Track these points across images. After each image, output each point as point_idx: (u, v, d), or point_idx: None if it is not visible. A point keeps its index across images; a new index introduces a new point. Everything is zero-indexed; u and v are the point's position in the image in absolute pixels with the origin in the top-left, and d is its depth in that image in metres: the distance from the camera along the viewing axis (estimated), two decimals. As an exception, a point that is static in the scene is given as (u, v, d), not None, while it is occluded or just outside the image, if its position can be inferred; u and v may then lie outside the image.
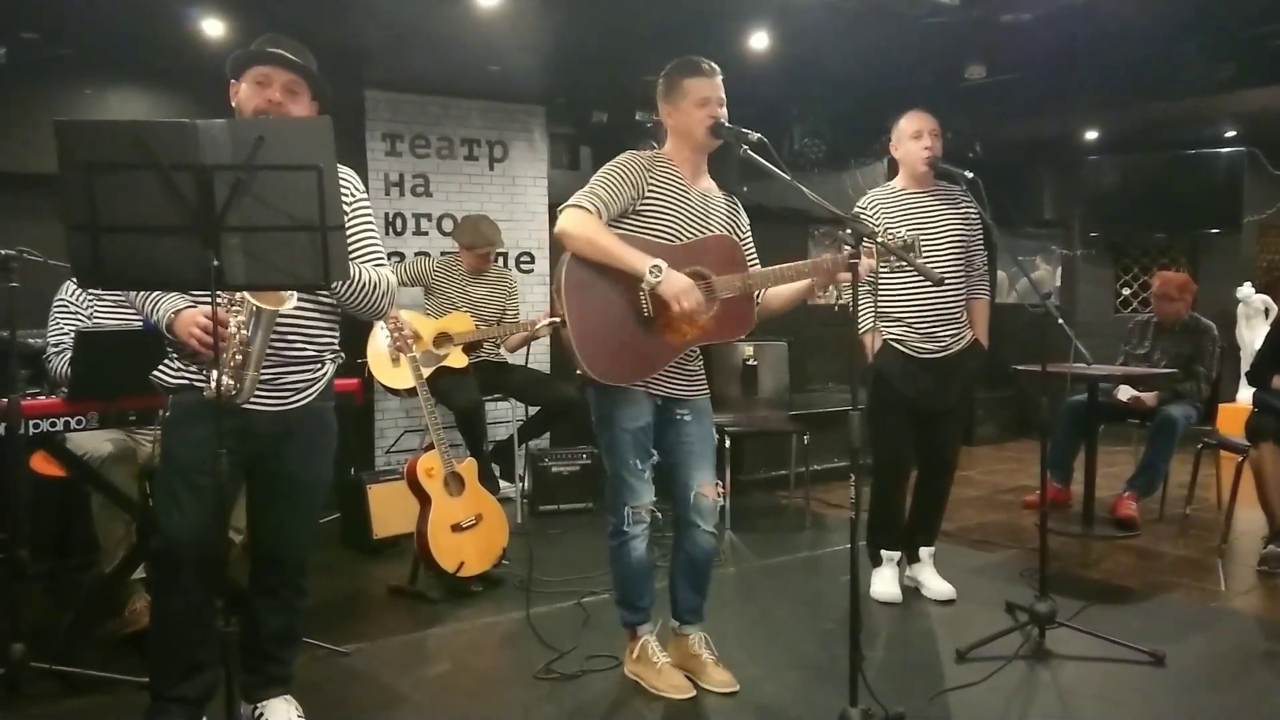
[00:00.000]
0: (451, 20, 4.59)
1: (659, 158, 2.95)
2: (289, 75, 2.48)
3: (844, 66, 5.52)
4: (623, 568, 3.02)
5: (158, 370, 2.52)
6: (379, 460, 5.78)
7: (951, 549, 4.60)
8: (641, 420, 2.90)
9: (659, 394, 2.93)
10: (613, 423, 2.90)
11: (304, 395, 2.53)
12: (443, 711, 2.96)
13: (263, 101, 2.44)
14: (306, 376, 2.54)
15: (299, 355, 2.51)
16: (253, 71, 2.47)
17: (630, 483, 2.92)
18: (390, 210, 5.84)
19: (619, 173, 2.86)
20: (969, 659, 3.23)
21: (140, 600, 3.42)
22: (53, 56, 4.78)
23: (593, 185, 2.83)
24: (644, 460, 2.93)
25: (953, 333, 3.74)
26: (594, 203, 2.78)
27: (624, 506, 2.94)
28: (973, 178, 3.45)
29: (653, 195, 2.87)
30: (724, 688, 3.01)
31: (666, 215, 2.89)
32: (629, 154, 2.92)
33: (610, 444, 2.93)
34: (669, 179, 2.91)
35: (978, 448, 7.69)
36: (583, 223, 2.75)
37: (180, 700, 2.50)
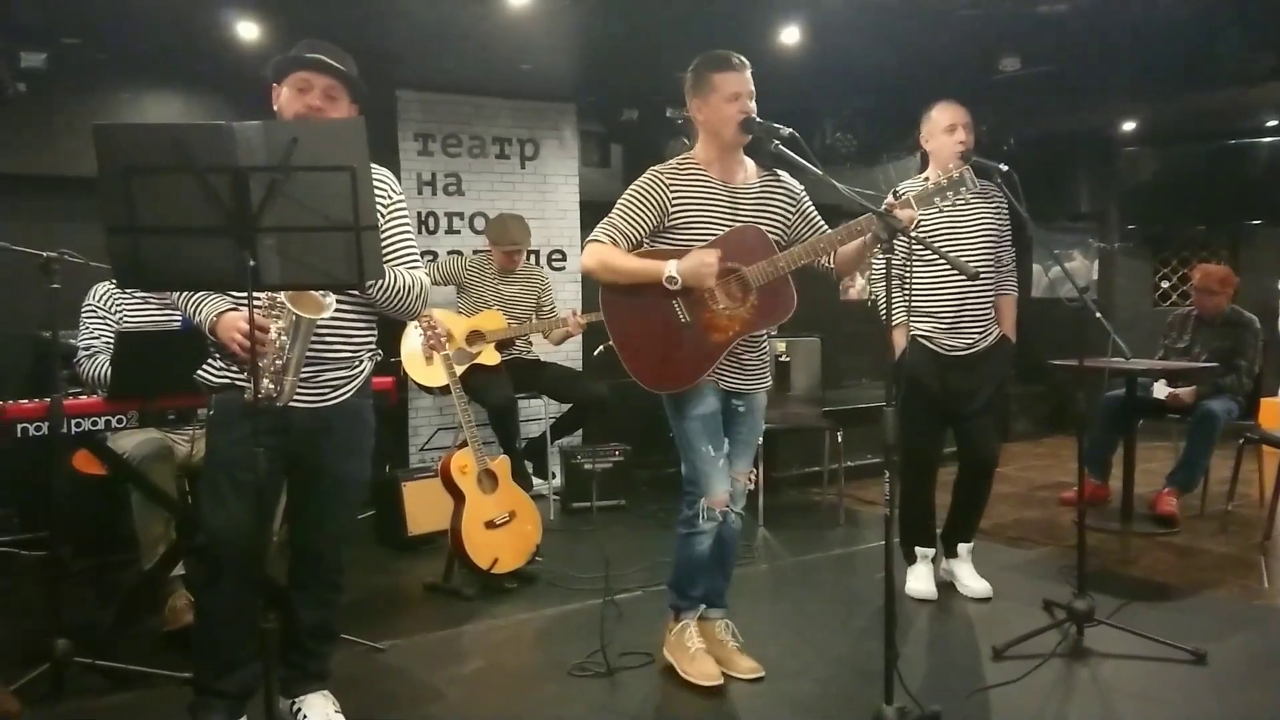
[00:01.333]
0: (482, 20, 4.60)
1: (684, 163, 2.95)
2: (328, 80, 2.51)
3: (875, 60, 5.47)
4: (685, 558, 3.05)
5: (202, 369, 2.56)
6: (413, 458, 5.82)
7: (987, 546, 4.55)
8: (708, 407, 2.94)
9: (725, 386, 2.97)
10: (682, 412, 2.95)
11: (341, 392, 2.56)
12: (477, 707, 2.97)
13: (302, 106, 2.48)
14: (344, 374, 2.57)
15: (336, 355, 2.55)
16: (293, 77, 2.51)
17: (705, 471, 2.95)
18: (423, 209, 5.88)
19: (636, 197, 2.90)
20: (1006, 657, 3.20)
21: (180, 598, 3.47)
22: (92, 62, 4.86)
23: (612, 216, 2.91)
24: (717, 448, 2.96)
25: (980, 329, 3.72)
26: (609, 234, 2.87)
27: (700, 500, 2.96)
28: (1007, 171, 3.41)
29: (680, 207, 2.89)
30: (750, 674, 3.05)
31: (699, 222, 2.90)
32: (649, 173, 2.93)
33: (682, 434, 2.97)
34: (696, 183, 2.91)
35: (1013, 444, 7.62)
36: (598, 254, 2.86)
37: (222, 694, 2.54)
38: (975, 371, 3.72)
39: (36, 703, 2.74)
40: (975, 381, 3.72)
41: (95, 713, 2.84)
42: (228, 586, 2.52)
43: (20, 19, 4.38)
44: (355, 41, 4.92)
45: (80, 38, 4.66)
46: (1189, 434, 5.12)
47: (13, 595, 3.85)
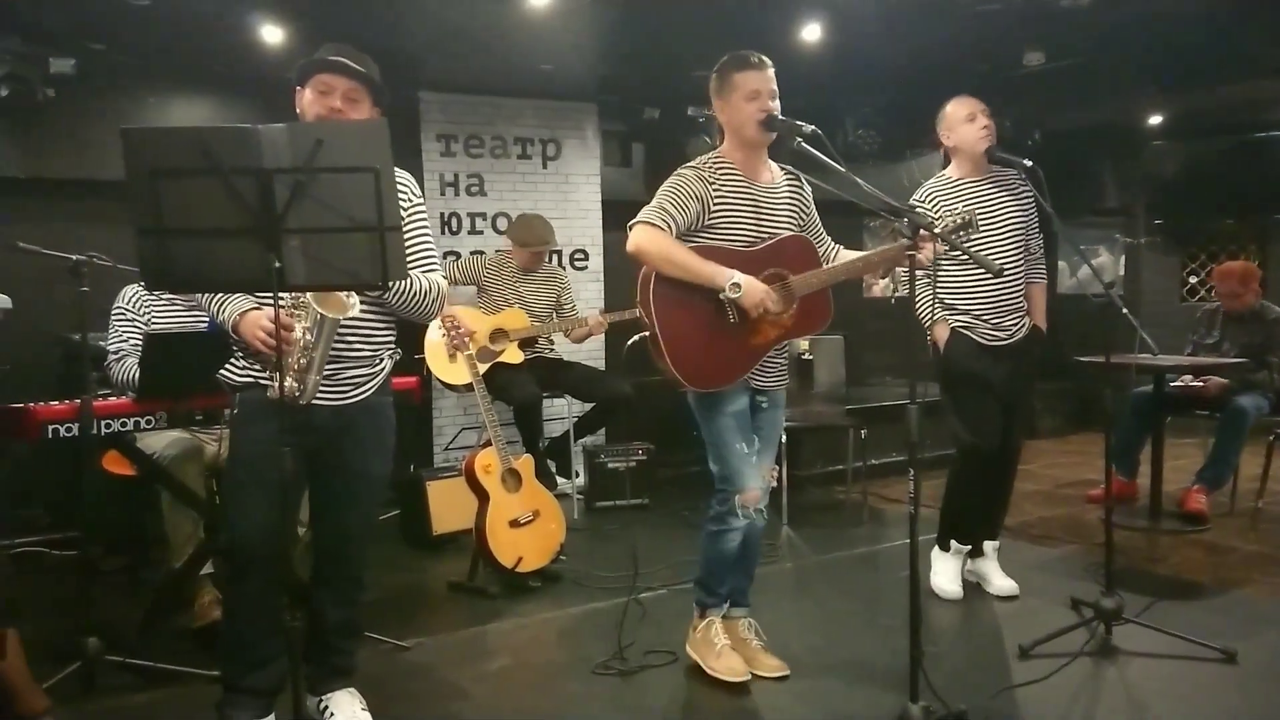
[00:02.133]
0: (503, 20, 4.62)
1: (717, 161, 2.93)
2: (350, 83, 2.53)
3: (897, 56, 5.45)
4: (714, 554, 3.05)
5: (225, 369, 2.59)
6: (437, 457, 5.85)
7: (1013, 544, 4.52)
8: (739, 404, 2.95)
9: (753, 384, 2.98)
10: (714, 410, 2.94)
11: (362, 391, 2.58)
12: (502, 705, 2.99)
13: (323, 109, 2.51)
14: (364, 372, 2.59)
15: (357, 353, 2.57)
16: (316, 79, 2.53)
17: (737, 467, 2.94)
18: (445, 210, 5.90)
19: (685, 188, 2.85)
20: (1032, 655, 3.18)
21: (208, 595, 3.50)
22: (119, 66, 4.92)
23: (660, 201, 2.84)
24: (749, 444, 2.97)
25: (1016, 320, 3.70)
26: (664, 219, 2.80)
27: (733, 497, 2.96)
28: (1032, 165, 3.39)
29: (719, 204, 2.87)
30: (775, 672, 3.04)
31: (736, 220, 2.89)
32: (689, 167, 2.92)
33: (715, 432, 2.97)
34: (731, 182, 2.90)
35: (1039, 441, 7.56)
36: (657, 240, 2.78)
37: (251, 691, 2.57)
38: (1012, 363, 3.70)
39: (68, 700, 2.78)
40: (1012, 373, 3.70)
41: (126, 710, 2.87)
42: (254, 585, 2.55)
43: (49, 25, 4.44)
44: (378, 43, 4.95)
45: (107, 43, 4.72)
46: (1218, 430, 5.07)
47: (44, 594, 3.90)
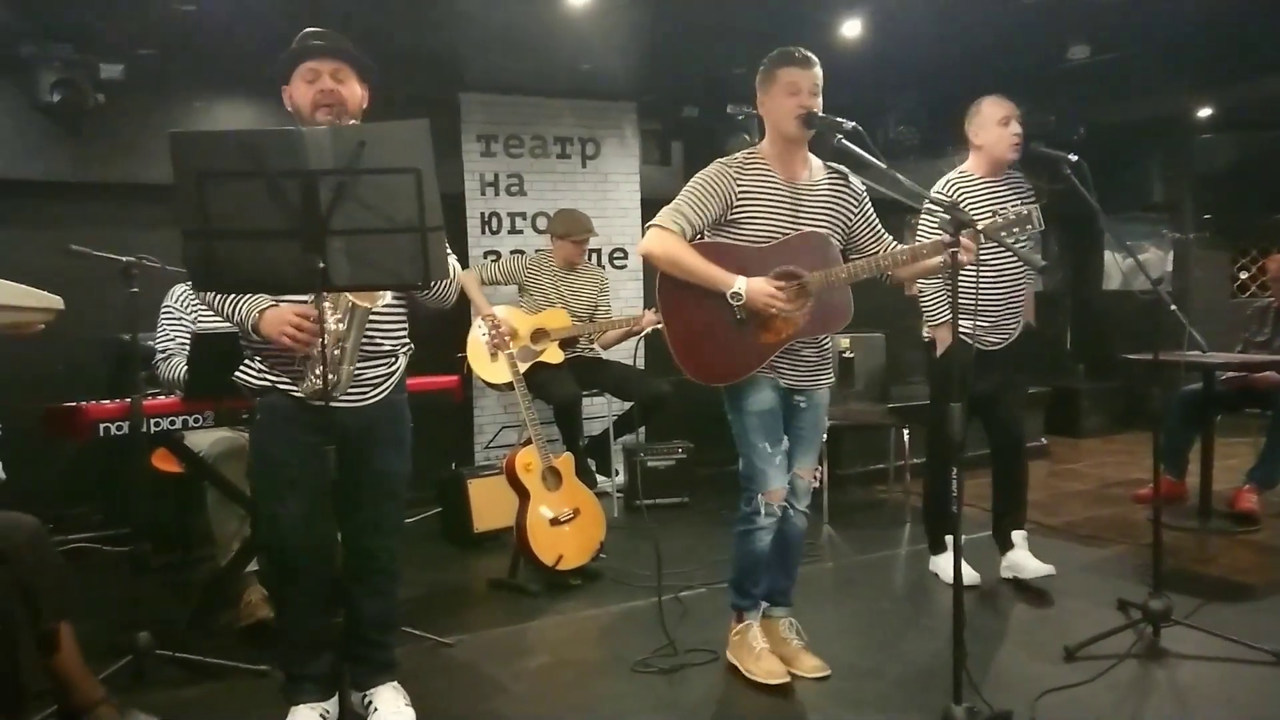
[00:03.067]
0: (543, 21, 4.64)
1: (751, 157, 2.93)
2: (334, 63, 2.53)
3: (939, 51, 5.40)
4: (744, 555, 3.03)
5: (240, 372, 2.60)
6: (478, 455, 5.89)
7: (1058, 544, 4.47)
8: (766, 403, 2.93)
9: (783, 382, 2.96)
10: (739, 407, 2.95)
11: (381, 390, 2.61)
12: (543, 702, 3.00)
13: (316, 93, 2.50)
14: (383, 371, 2.62)
15: (378, 350, 2.59)
16: (299, 71, 2.53)
17: (761, 468, 2.94)
18: (485, 210, 5.94)
19: (705, 186, 2.88)
20: (1079, 657, 3.13)
21: (255, 592, 3.55)
22: (166, 72, 5.00)
23: (679, 202, 2.88)
24: (775, 444, 2.95)
25: (1015, 324, 3.78)
26: (677, 221, 2.84)
27: (757, 495, 2.95)
28: (1076, 160, 3.34)
29: (744, 200, 2.88)
30: (815, 672, 3.03)
31: (759, 218, 2.89)
32: (717, 164, 2.93)
33: (739, 429, 2.97)
34: (760, 179, 2.90)
35: (1085, 440, 7.45)
36: (664, 243, 2.83)
37: (310, 678, 2.63)
38: (1006, 364, 3.77)
39: (120, 693, 2.83)
40: (1006, 373, 3.76)
41: (176, 703, 2.92)
42: (301, 582, 2.61)
43: (99, 32, 4.53)
44: (419, 46, 5.02)
45: (155, 49, 4.80)
46: (1270, 429, 4.96)
47: (97, 589, 3.98)
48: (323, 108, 2.50)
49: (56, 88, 4.58)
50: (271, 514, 2.64)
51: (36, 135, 4.85)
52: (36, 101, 4.62)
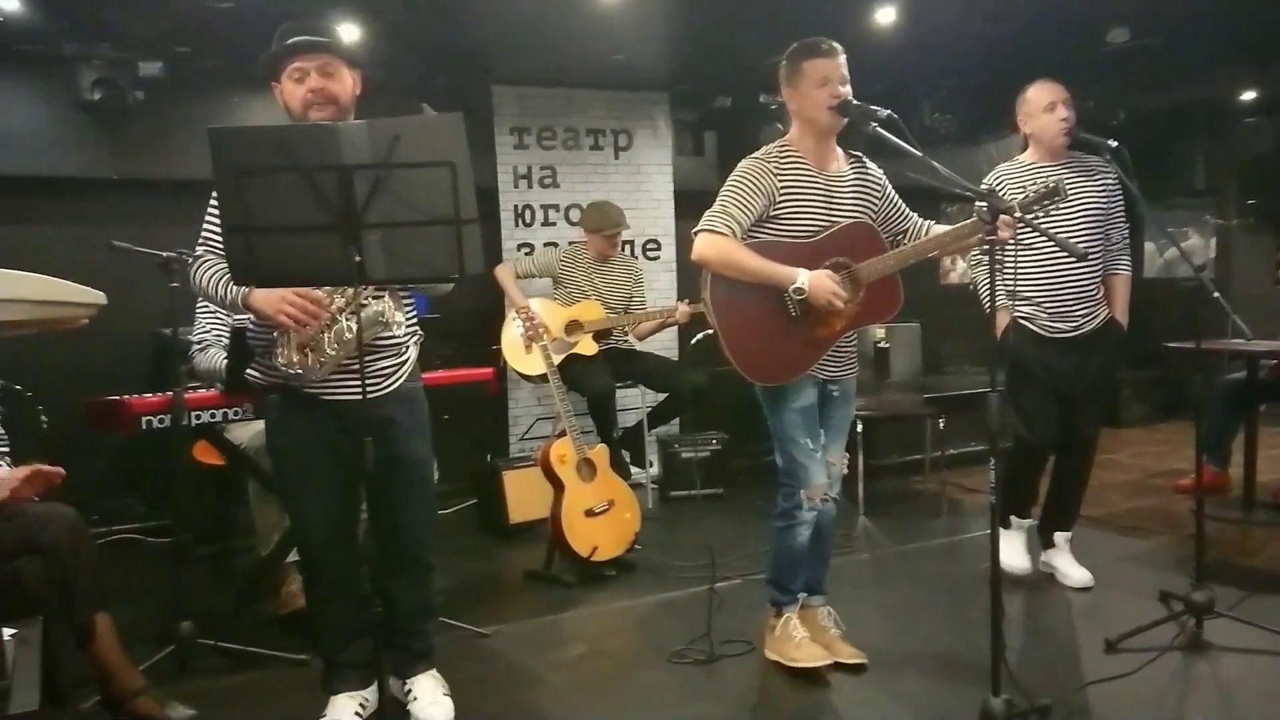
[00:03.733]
0: (575, 12, 4.64)
1: (785, 150, 2.91)
2: (320, 58, 2.50)
3: (974, 36, 5.33)
4: (784, 550, 3.03)
5: (251, 371, 2.62)
6: (513, 447, 5.92)
7: (1099, 535, 4.42)
8: (807, 399, 2.92)
9: (821, 376, 2.95)
10: (780, 405, 2.93)
11: (394, 380, 2.62)
12: (579, 693, 3.02)
13: (305, 93, 2.49)
14: (394, 362, 2.62)
15: (390, 343, 2.60)
16: (287, 69, 2.52)
17: (802, 463, 2.93)
18: (519, 202, 5.95)
19: (748, 184, 2.85)
20: (1120, 650, 3.09)
21: (295, 582, 3.59)
22: (204, 69, 5.06)
23: (723, 203, 2.84)
24: (814, 440, 2.94)
25: (1086, 311, 3.60)
26: (727, 224, 2.80)
27: (798, 491, 2.94)
28: (1117, 146, 3.29)
29: (785, 195, 2.86)
30: (853, 659, 3.02)
31: (800, 212, 2.87)
32: (752, 160, 2.89)
33: (779, 426, 2.96)
34: (797, 172, 2.88)
35: (1126, 430, 7.35)
36: (720, 247, 2.79)
37: (349, 664, 2.67)
38: (1081, 354, 3.61)
39: (164, 681, 2.88)
40: (1080, 364, 3.61)
41: (218, 691, 2.97)
42: (329, 572, 2.65)
43: (138, 31, 4.59)
44: (450, 40, 5.04)
45: (193, 46, 4.86)
46: (1316, 418, 4.87)
47: (140, 580, 4.05)
48: (314, 106, 2.48)
49: (97, 86, 4.65)
50: (294, 509, 2.69)
51: (78, 133, 4.92)
52: (78, 100, 4.69)
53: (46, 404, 4.21)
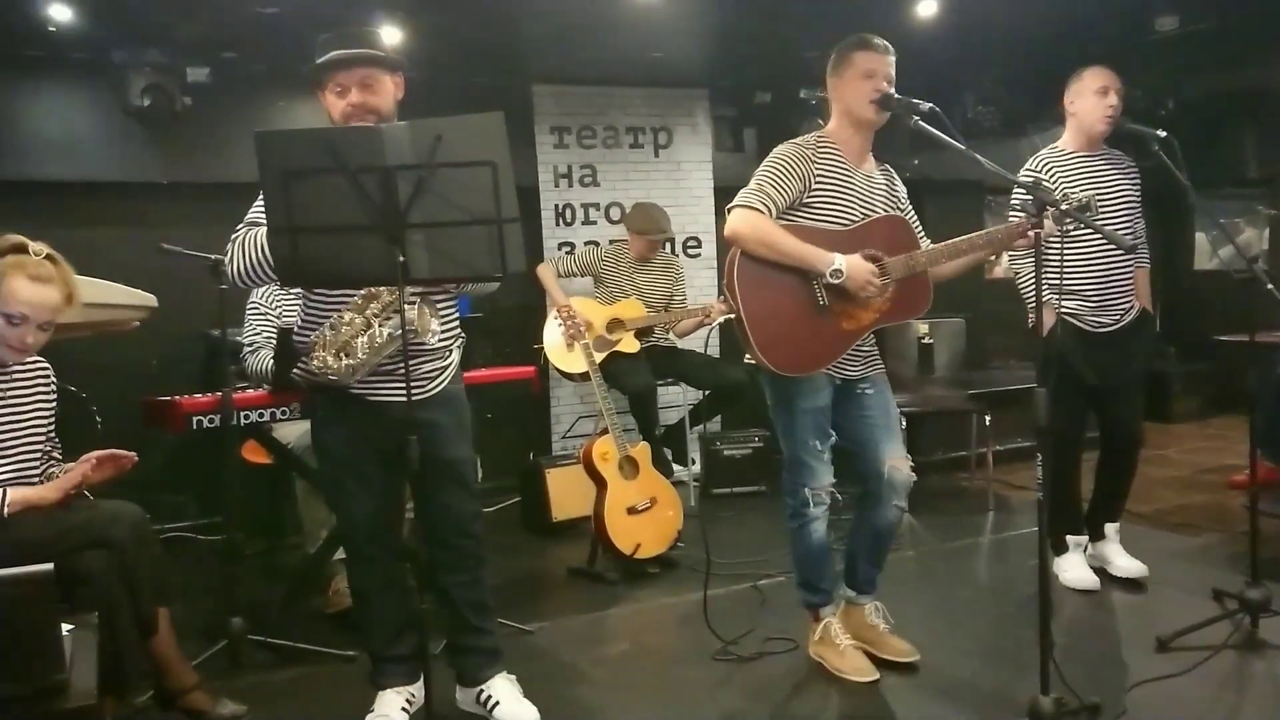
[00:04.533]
0: (614, 10, 4.64)
1: (823, 141, 2.89)
2: (361, 71, 2.50)
3: (1018, 26, 5.25)
4: (803, 550, 3.00)
5: (297, 370, 2.65)
6: (555, 445, 5.94)
7: (1149, 532, 4.34)
8: (820, 400, 2.88)
9: (837, 375, 2.91)
10: (790, 404, 2.89)
11: (438, 383, 2.63)
12: (624, 690, 3.03)
13: (346, 107, 2.50)
14: (437, 365, 2.64)
15: (432, 346, 2.61)
16: (329, 82, 2.53)
17: (809, 464, 2.90)
18: (559, 201, 5.98)
19: (785, 165, 2.81)
20: (1172, 648, 3.04)
21: (342, 580, 3.63)
22: (249, 73, 5.14)
23: (760, 182, 2.80)
24: (823, 441, 2.90)
25: (1126, 304, 3.59)
26: (764, 202, 2.76)
27: (803, 488, 2.92)
28: (1166, 136, 3.23)
29: (819, 184, 2.83)
30: (904, 656, 2.98)
31: (833, 201, 2.84)
32: (791, 144, 2.87)
33: (788, 426, 2.92)
34: (833, 163, 2.86)
35: (1176, 425, 7.21)
36: (755, 224, 2.74)
37: (396, 659, 2.70)
38: (1122, 348, 3.59)
39: (215, 676, 2.93)
40: (1122, 358, 3.59)
41: (268, 686, 3.02)
42: (373, 569, 2.68)
43: (186, 37, 4.67)
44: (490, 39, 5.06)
45: (239, 51, 4.94)
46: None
47: (192, 576, 4.12)
48: (354, 120, 2.49)
49: (146, 92, 4.73)
50: (339, 506, 2.71)
51: (128, 139, 5.02)
52: (128, 106, 4.78)
53: (101, 403, 4.31)
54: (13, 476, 2.57)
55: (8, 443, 2.58)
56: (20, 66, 4.83)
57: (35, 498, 2.50)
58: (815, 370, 2.84)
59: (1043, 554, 2.49)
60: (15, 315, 2.51)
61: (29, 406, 2.66)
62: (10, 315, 2.51)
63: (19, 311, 2.52)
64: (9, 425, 2.60)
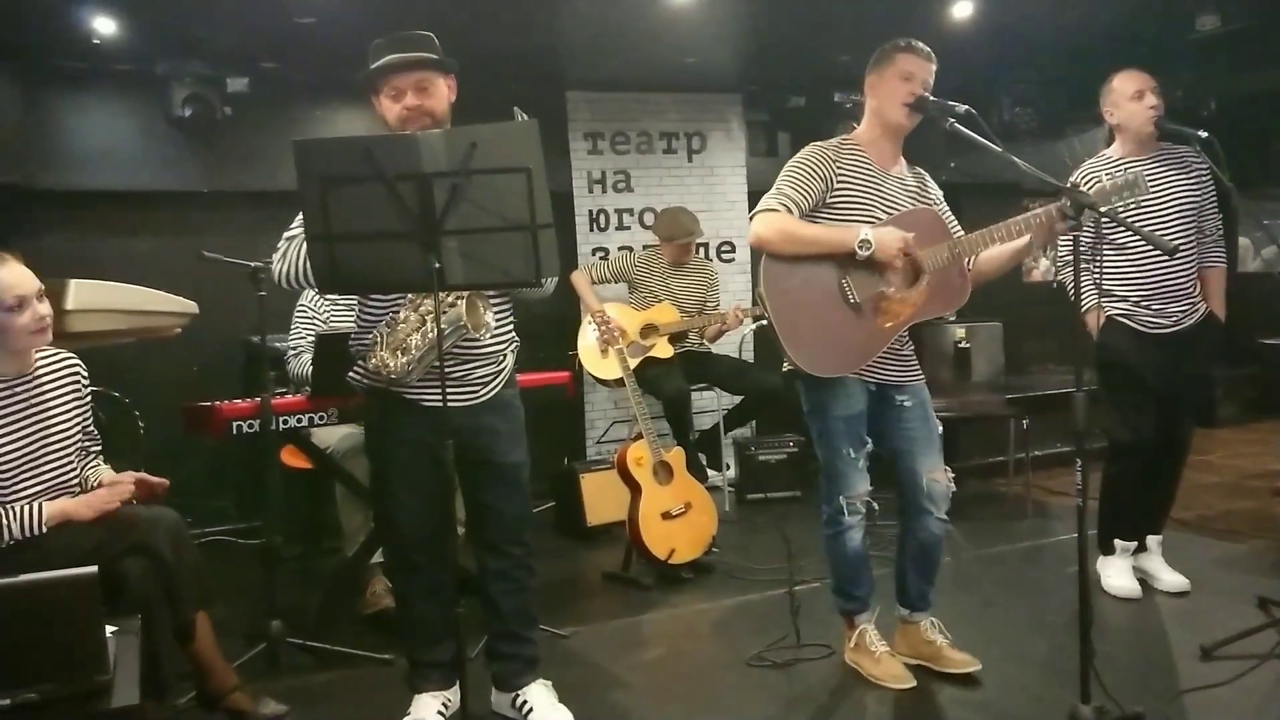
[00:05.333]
0: (648, 16, 4.66)
1: (846, 143, 2.88)
2: (415, 74, 2.52)
3: (1056, 26, 5.20)
4: (839, 558, 2.98)
5: (353, 373, 2.67)
6: (590, 450, 5.96)
7: (1191, 539, 4.27)
8: (855, 408, 2.85)
9: (872, 380, 2.88)
10: (825, 411, 2.87)
11: (491, 388, 2.65)
12: (659, 695, 3.02)
13: (402, 110, 2.52)
14: (491, 370, 2.65)
15: (487, 351, 2.63)
16: (384, 86, 2.54)
17: (844, 472, 2.88)
18: (593, 207, 6.00)
19: (805, 167, 2.81)
20: (1216, 657, 2.99)
21: (379, 583, 3.68)
22: (288, 83, 5.21)
23: (781, 186, 2.80)
24: (858, 449, 2.88)
25: (1185, 307, 3.49)
26: (782, 202, 2.76)
27: (838, 496, 2.90)
28: (1207, 137, 3.18)
29: (843, 185, 2.81)
30: (965, 667, 2.94)
31: (858, 203, 2.82)
32: (813, 147, 2.86)
33: (823, 433, 2.90)
34: (857, 165, 2.84)
35: (1219, 430, 7.09)
36: (775, 222, 2.74)
37: (434, 664, 2.72)
38: (1179, 350, 3.49)
39: (254, 679, 2.97)
40: (1178, 361, 3.49)
41: (307, 689, 3.05)
42: (419, 574, 2.69)
43: (225, 48, 4.75)
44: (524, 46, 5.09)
45: (277, 61, 5.01)
46: None
47: (233, 580, 4.17)
48: (410, 123, 2.51)
49: (188, 103, 4.82)
50: (386, 512, 2.73)
51: (170, 149, 5.11)
52: (169, 116, 4.87)
53: (144, 409, 4.39)
54: (50, 483, 2.60)
55: (38, 452, 2.58)
56: (66, 78, 4.94)
57: (72, 511, 2.53)
58: (852, 370, 2.82)
59: (1082, 561, 2.46)
60: (9, 302, 2.48)
61: (57, 410, 2.66)
62: (7, 305, 2.49)
63: (13, 296, 2.49)
64: (38, 433, 2.60)
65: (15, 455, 2.53)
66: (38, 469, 2.58)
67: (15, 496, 2.52)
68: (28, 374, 2.62)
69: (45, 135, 4.93)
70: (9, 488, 2.52)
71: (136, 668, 2.08)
